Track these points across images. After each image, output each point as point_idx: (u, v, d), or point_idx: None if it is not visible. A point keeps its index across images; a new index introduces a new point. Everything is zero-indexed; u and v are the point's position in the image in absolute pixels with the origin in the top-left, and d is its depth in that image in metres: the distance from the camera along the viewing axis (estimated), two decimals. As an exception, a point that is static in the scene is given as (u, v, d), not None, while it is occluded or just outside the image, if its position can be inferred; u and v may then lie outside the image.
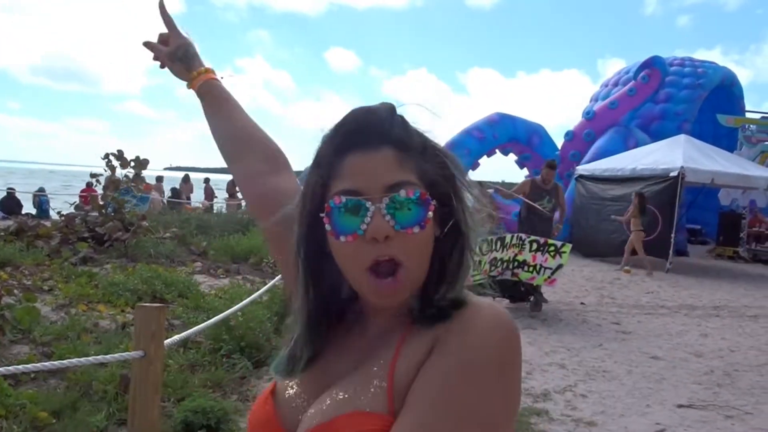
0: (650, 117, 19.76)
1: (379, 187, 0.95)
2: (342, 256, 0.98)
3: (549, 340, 7.33)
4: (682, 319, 9.15)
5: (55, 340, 5.16)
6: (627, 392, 5.70)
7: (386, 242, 0.94)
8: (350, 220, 0.95)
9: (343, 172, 0.97)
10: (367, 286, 0.96)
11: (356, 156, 0.97)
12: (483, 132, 19.29)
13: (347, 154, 0.97)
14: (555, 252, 8.60)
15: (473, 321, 0.92)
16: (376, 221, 0.94)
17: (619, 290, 11.39)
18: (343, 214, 0.95)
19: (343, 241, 0.95)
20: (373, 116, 0.99)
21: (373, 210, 0.94)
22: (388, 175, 0.96)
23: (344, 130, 0.99)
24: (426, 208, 0.96)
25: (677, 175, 13.86)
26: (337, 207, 0.95)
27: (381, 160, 0.96)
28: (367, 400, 0.91)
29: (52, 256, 8.09)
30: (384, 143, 0.97)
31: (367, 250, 0.95)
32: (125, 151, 9.75)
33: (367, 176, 0.96)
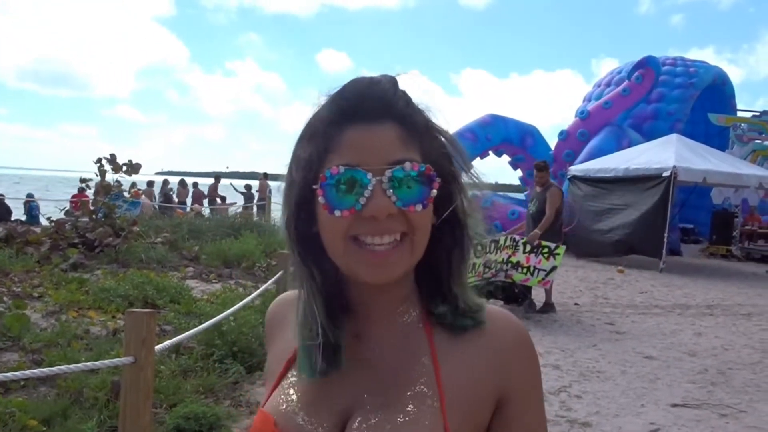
0: (643, 117, 19.84)
1: (383, 162, 0.86)
2: (330, 232, 0.88)
3: (543, 341, 7.31)
4: (675, 319, 9.15)
5: (45, 347, 5.11)
6: (621, 392, 5.69)
7: (387, 220, 0.86)
8: (348, 193, 0.85)
9: (342, 146, 0.88)
10: (357, 258, 0.87)
11: (357, 129, 0.88)
12: (476, 134, 19.30)
13: (347, 126, 0.88)
14: (549, 254, 8.58)
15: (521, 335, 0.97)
16: (377, 196, 0.85)
17: (612, 290, 11.40)
18: (340, 187, 0.85)
19: (338, 216, 0.85)
20: (377, 87, 0.89)
21: (374, 183, 0.85)
22: (391, 151, 0.87)
23: (344, 100, 0.89)
24: (430, 186, 0.88)
25: (670, 175, 13.90)
26: (333, 177, 0.85)
27: (384, 136, 0.87)
28: (429, 422, 0.86)
29: (42, 262, 8.03)
30: (387, 118, 0.88)
31: (360, 225, 0.86)
32: (116, 155, 9.68)
33: (368, 151, 0.86)
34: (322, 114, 0.91)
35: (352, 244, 0.87)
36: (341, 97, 0.90)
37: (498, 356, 0.92)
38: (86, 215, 9.35)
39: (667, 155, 14.65)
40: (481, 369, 0.91)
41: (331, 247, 0.89)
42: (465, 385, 0.90)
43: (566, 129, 19.31)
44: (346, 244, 0.87)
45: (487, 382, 0.91)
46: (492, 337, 0.93)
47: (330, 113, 0.90)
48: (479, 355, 0.92)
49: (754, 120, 21.23)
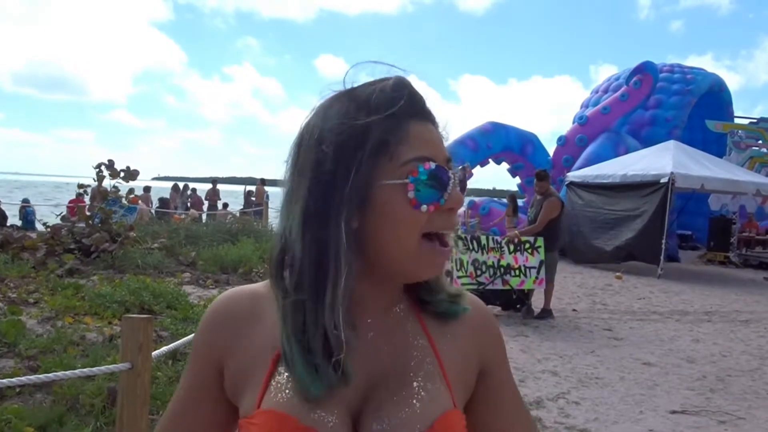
0: (640, 123, 19.88)
1: (443, 159, 0.92)
2: (406, 226, 0.88)
3: (541, 348, 7.29)
4: (674, 325, 9.14)
5: (41, 353, 5.08)
6: (620, 399, 5.67)
7: (455, 213, 0.93)
8: (436, 189, 0.88)
9: (412, 139, 0.89)
10: (424, 254, 0.90)
11: (421, 125, 0.91)
12: (476, 141, 19.31)
13: (408, 120, 0.89)
14: (531, 248, 8.82)
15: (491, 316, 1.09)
16: (455, 192, 0.91)
17: (610, 296, 11.38)
18: (431, 182, 0.88)
19: (424, 210, 0.88)
20: (417, 90, 0.93)
21: (454, 180, 0.91)
22: (444, 149, 0.94)
23: (403, 94, 0.90)
24: (464, 190, 0.96)
25: (667, 181, 13.91)
26: (426, 172, 0.87)
27: (437, 133, 0.94)
28: (441, 398, 0.93)
29: (38, 268, 8.00)
30: (431, 118, 0.94)
31: (437, 219, 0.90)
32: (114, 160, 9.66)
33: (436, 146, 0.92)
34: (377, 103, 0.88)
35: (424, 241, 0.90)
36: (396, 91, 0.89)
37: (477, 334, 1.03)
38: (83, 221, 9.32)
39: (664, 162, 14.67)
40: (467, 347, 1.01)
41: (404, 243, 0.89)
42: (458, 362, 0.99)
43: (565, 135, 19.34)
44: (419, 240, 0.89)
45: (472, 357, 1.01)
46: (471, 319, 1.03)
47: (391, 104, 0.88)
48: (464, 335, 1.01)
49: (752, 127, 21.29)
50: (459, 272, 8.60)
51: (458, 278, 8.57)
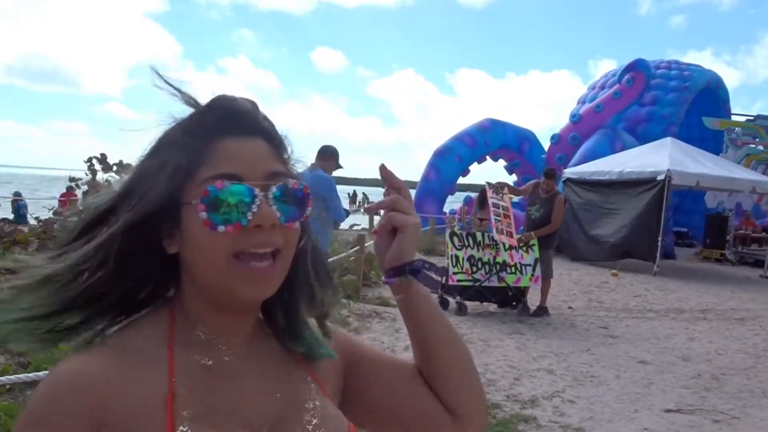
0: (637, 119, 19.86)
1: (261, 175, 0.85)
2: (208, 248, 0.83)
3: (537, 345, 7.26)
4: (669, 323, 9.11)
5: (31, 350, 5.03)
6: (615, 397, 5.64)
7: (270, 230, 0.84)
8: (232, 209, 0.82)
9: (216, 157, 0.85)
10: (237, 274, 0.83)
11: (231, 141, 0.86)
12: (474, 138, 19.30)
13: (220, 138, 0.86)
14: (526, 246, 8.82)
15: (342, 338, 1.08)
16: (264, 210, 0.83)
17: (606, 294, 11.36)
18: (225, 202, 0.82)
19: (222, 231, 0.82)
20: (243, 104, 0.89)
21: (262, 198, 0.84)
22: (267, 164, 0.87)
23: (216, 112, 0.87)
24: (306, 205, 0.90)
25: (664, 178, 13.88)
26: (217, 191, 0.82)
27: (258, 149, 0.88)
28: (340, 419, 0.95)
29: (30, 262, 7.94)
30: (257, 133, 0.88)
31: (243, 238, 0.83)
32: (107, 154, 9.61)
33: (248, 162, 0.85)
34: (187, 124, 0.88)
35: (235, 261, 0.83)
36: (212, 108, 0.88)
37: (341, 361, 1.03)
38: (75, 215, 9.25)
39: (661, 159, 14.64)
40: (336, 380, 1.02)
41: (209, 264, 0.84)
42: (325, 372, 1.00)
43: (558, 133, 19.31)
44: (229, 261, 0.83)
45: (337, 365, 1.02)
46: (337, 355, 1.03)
47: (199, 123, 0.87)
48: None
49: (748, 124, 21.27)
50: (455, 268, 8.57)
51: (454, 274, 8.55)
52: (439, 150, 19.43)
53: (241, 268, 0.83)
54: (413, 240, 0.98)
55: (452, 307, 8.69)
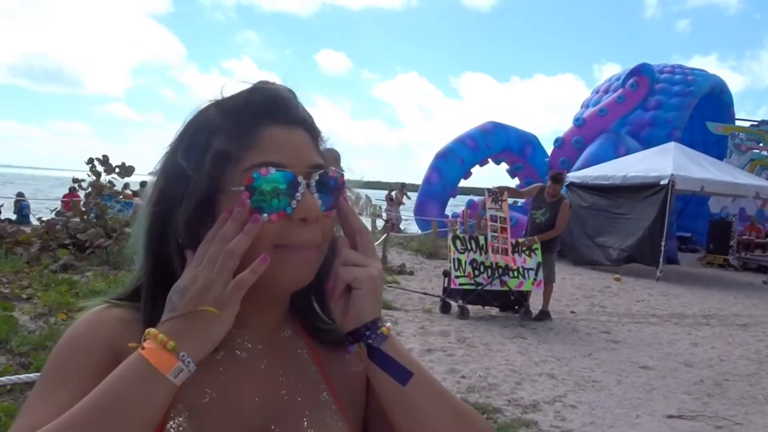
0: (640, 124, 19.83)
1: (305, 165, 0.84)
2: (255, 239, 0.80)
3: (539, 350, 7.23)
4: (672, 328, 9.09)
5: (33, 350, 5.03)
6: (617, 403, 5.62)
7: (315, 225, 0.84)
8: (278, 196, 0.81)
9: (261, 144, 0.83)
10: (284, 259, 0.82)
11: (276, 129, 0.85)
12: (476, 141, 19.27)
13: (264, 125, 0.84)
14: (528, 251, 8.79)
15: None
16: (308, 198, 0.82)
17: (609, 299, 11.33)
18: (270, 189, 0.81)
19: (266, 220, 0.80)
20: (285, 93, 0.88)
21: (304, 186, 0.82)
22: (310, 155, 0.86)
23: (260, 98, 0.86)
24: (341, 192, 0.88)
25: (668, 183, 13.85)
26: (262, 179, 0.80)
27: (301, 139, 0.87)
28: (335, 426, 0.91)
29: (32, 263, 7.95)
30: (299, 123, 0.88)
31: (289, 230, 0.82)
32: (109, 155, 9.61)
33: (292, 151, 0.84)
34: (231, 108, 0.86)
35: (275, 250, 0.82)
36: (255, 95, 0.86)
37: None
38: (78, 216, 9.26)
39: (665, 163, 14.62)
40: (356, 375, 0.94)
41: (252, 253, 0.80)
42: (349, 384, 0.96)
43: (562, 137, 19.29)
44: (271, 248, 0.82)
45: (361, 375, 0.93)
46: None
47: (243, 108, 0.85)
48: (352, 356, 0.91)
49: (753, 129, 21.24)
50: (457, 272, 8.56)
51: (456, 278, 8.53)
52: (440, 152, 19.41)
53: (281, 254, 0.82)
54: (371, 295, 0.86)
55: (454, 311, 8.67)
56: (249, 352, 0.90)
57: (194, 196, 0.83)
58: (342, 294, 0.86)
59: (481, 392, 5.59)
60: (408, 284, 10.83)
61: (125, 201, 11.07)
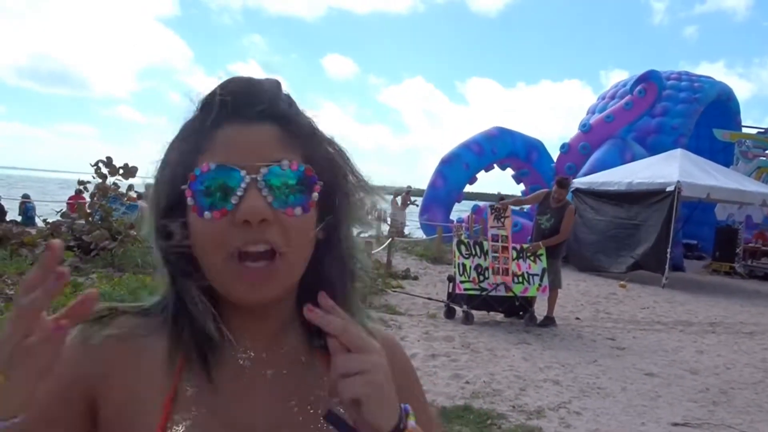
0: (647, 130, 19.78)
1: (259, 162, 0.79)
2: (202, 239, 0.79)
3: (543, 356, 7.20)
4: (677, 336, 9.04)
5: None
6: (622, 409, 5.58)
7: (261, 226, 0.78)
8: (219, 193, 0.78)
9: (215, 145, 0.80)
10: (232, 274, 0.78)
11: (232, 128, 0.81)
12: (482, 146, 19.23)
13: (221, 125, 0.81)
14: (533, 256, 8.77)
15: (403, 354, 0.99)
16: (251, 196, 0.77)
17: (614, 305, 11.28)
18: (211, 186, 0.78)
19: (208, 218, 0.77)
20: (256, 87, 0.84)
21: (248, 181, 0.77)
22: (269, 151, 0.80)
23: (219, 97, 0.82)
24: (311, 188, 0.81)
25: (674, 190, 13.81)
26: (203, 176, 0.78)
27: (261, 135, 0.81)
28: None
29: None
30: (266, 118, 0.82)
31: (235, 234, 0.77)
32: (114, 157, 9.63)
33: (244, 150, 0.79)
34: (195, 113, 0.85)
35: (231, 260, 0.78)
36: (216, 94, 0.83)
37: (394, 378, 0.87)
38: (83, 217, 9.28)
39: (671, 170, 14.57)
40: None
41: (208, 259, 0.80)
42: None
43: (568, 142, 19.26)
44: (225, 259, 0.79)
45: None
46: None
47: (203, 111, 0.83)
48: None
49: (760, 136, 21.17)
50: (462, 277, 8.54)
51: (461, 283, 8.51)
52: (446, 157, 19.39)
53: (236, 267, 0.78)
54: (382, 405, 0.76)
55: (459, 316, 8.65)
56: (253, 361, 0.87)
57: (161, 202, 0.83)
58: (353, 405, 0.76)
59: (485, 398, 5.56)
60: (412, 289, 10.81)
61: (130, 203, 11.09)
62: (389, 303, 9.19)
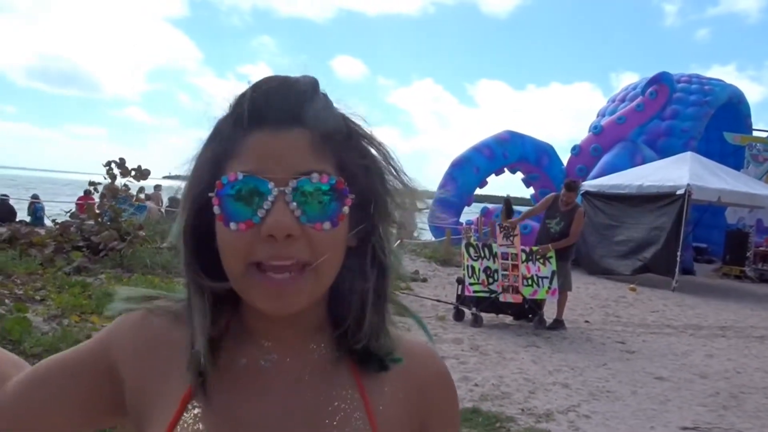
0: (657, 133, 19.70)
1: (287, 174, 0.77)
2: (227, 248, 0.78)
3: (552, 359, 7.17)
4: (687, 339, 8.98)
5: (46, 351, 5.05)
6: (631, 413, 5.54)
7: (287, 241, 0.76)
8: (246, 204, 0.76)
9: (244, 152, 0.78)
10: (254, 283, 0.77)
11: (263, 134, 0.78)
12: (492, 150, 19.19)
13: (252, 130, 0.79)
14: (543, 259, 8.69)
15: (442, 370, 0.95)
16: (278, 209, 0.75)
17: (624, 309, 11.22)
18: (238, 196, 0.76)
19: (234, 229, 0.76)
20: (291, 89, 0.80)
21: (276, 194, 0.76)
22: (299, 160, 0.78)
23: (250, 100, 0.80)
24: (341, 202, 0.79)
25: (684, 193, 13.74)
26: (230, 185, 0.77)
27: (292, 142, 0.78)
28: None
29: (46, 265, 8.00)
30: (299, 123, 0.79)
31: (260, 247, 0.76)
32: (124, 158, 9.67)
33: (273, 159, 0.77)
34: (228, 114, 0.82)
35: (253, 269, 0.77)
36: (247, 97, 0.80)
37: (422, 393, 0.91)
38: (92, 218, 9.32)
39: (681, 173, 14.50)
40: (406, 404, 0.89)
41: (229, 266, 0.79)
42: (394, 423, 0.87)
43: (579, 144, 19.20)
44: (247, 267, 0.77)
45: (412, 416, 0.89)
46: (415, 373, 0.91)
47: (235, 114, 0.81)
48: (404, 390, 0.89)
49: (771, 140, 21.04)
50: (471, 279, 8.52)
51: (470, 285, 8.50)
52: (456, 160, 19.36)
53: (258, 277, 0.77)
54: None
55: (468, 318, 8.62)
56: (274, 363, 0.86)
57: (190, 206, 0.83)
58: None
59: (494, 401, 5.54)
60: (421, 291, 10.79)
61: (138, 204, 11.13)
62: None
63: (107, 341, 0.88)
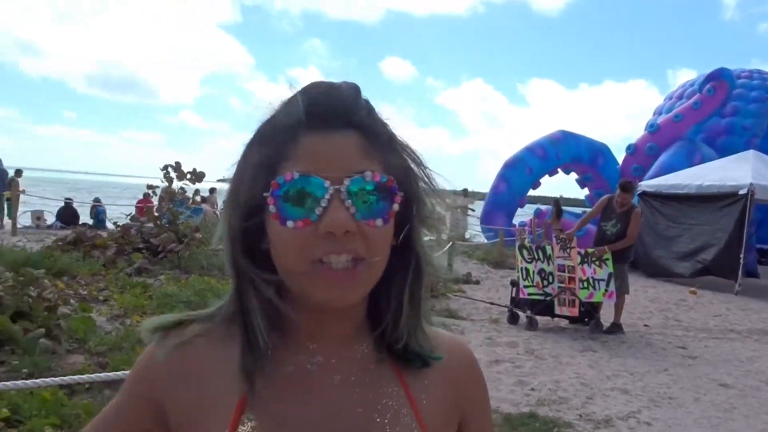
0: (716, 131, 19.11)
1: (341, 174, 0.79)
2: (284, 246, 0.80)
3: (610, 364, 7.02)
4: (752, 345, 8.68)
5: (109, 350, 5.19)
6: (694, 421, 5.38)
7: (344, 237, 0.78)
8: (302, 203, 0.78)
9: (298, 153, 0.80)
10: (314, 277, 0.79)
11: (315, 136, 0.80)
12: (546, 150, 18.93)
13: (304, 133, 0.81)
14: (599, 261, 8.48)
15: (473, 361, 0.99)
16: (335, 207, 0.77)
17: (684, 312, 10.92)
18: (294, 195, 0.78)
19: (291, 227, 0.78)
20: (338, 93, 0.83)
21: (332, 192, 0.78)
22: (352, 161, 0.80)
23: (302, 104, 0.82)
24: (391, 199, 0.81)
25: (746, 193, 13.30)
26: (287, 184, 0.78)
27: (344, 144, 0.81)
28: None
29: (108, 266, 8.23)
30: (347, 126, 0.82)
31: (318, 244, 0.78)
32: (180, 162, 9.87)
33: (327, 160, 0.79)
34: (278, 118, 0.84)
35: (312, 265, 0.79)
36: (299, 100, 0.82)
37: (459, 387, 0.95)
38: (151, 221, 9.54)
39: (743, 172, 14.04)
40: (447, 396, 0.93)
41: (288, 264, 0.80)
42: (438, 414, 0.90)
43: (634, 143, 18.79)
44: (307, 264, 0.79)
45: (452, 407, 0.93)
46: (451, 368, 0.94)
47: (286, 117, 0.83)
48: (444, 384, 0.93)
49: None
50: (525, 281, 8.42)
51: (525, 287, 8.40)
52: (509, 161, 19.17)
53: (318, 271, 0.78)
54: None
55: (522, 322, 8.52)
56: (320, 365, 0.87)
57: (240, 206, 0.83)
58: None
59: (551, 405, 5.45)
60: (474, 293, 10.71)
61: (194, 207, 11.35)
62: (450, 307, 9.12)
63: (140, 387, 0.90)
